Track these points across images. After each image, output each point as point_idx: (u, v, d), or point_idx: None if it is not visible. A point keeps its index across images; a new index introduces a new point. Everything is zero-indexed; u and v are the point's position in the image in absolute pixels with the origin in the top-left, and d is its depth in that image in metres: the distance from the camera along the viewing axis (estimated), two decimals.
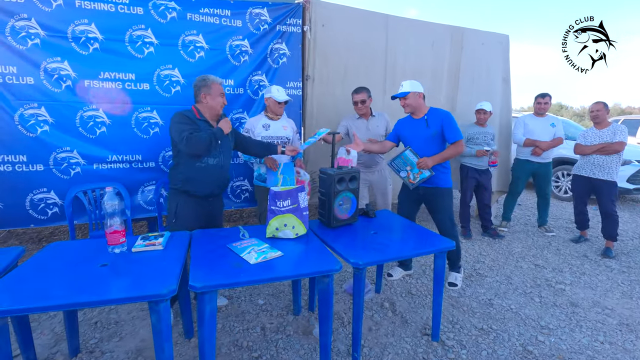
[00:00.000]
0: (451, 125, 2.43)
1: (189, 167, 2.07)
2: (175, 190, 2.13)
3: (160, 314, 1.32)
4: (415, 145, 2.51)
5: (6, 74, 2.29)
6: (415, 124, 2.55)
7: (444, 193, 2.52)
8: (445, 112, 2.50)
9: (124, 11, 2.47)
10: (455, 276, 2.68)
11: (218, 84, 2.11)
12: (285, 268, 1.56)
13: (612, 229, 3.32)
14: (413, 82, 2.51)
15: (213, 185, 2.16)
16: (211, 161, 2.10)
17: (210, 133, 2.01)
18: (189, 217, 2.11)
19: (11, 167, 2.38)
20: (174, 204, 2.13)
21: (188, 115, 2.05)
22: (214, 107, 2.11)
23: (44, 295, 1.24)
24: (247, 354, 1.89)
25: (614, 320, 2.29)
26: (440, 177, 2.49)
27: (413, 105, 2.51)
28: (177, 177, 2.11)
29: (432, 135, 2.46)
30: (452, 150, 2.45)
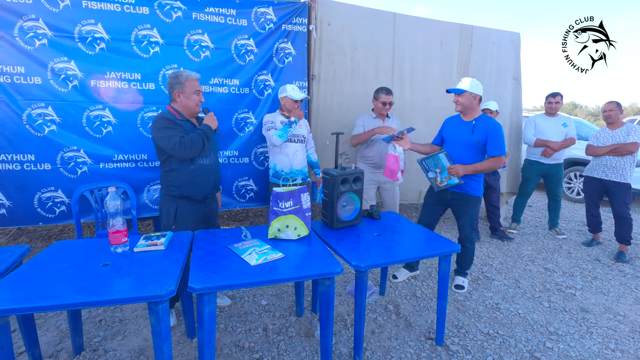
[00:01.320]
0: (497, 138, 2.33)
1: (184, 171, 1.99)
2: (170, 196, 2.03)
3: (159, 315, 1.31)
4: (455, 147, 2.46)
5: (14, 74, 2.33)
6: (461, 126, 2.47)
7: (471, 201, 2.47)
8: (496, 123, 2.38)
9: (129, 11, 2.48)
10: (462, 279, 2.63)
11: (193, 80, 1.98)
12: (286, 270, 1.54)
13: (625, 232, 3.22)
14: (473, 81, 2.40)
15: (210, 186, 2.12)
16: (204, 161, 2.05)
17: (201, 133, 1.95)
18: (189, 222, 2.04)
19: (20, 166, 2.42)
20: (172, 210, 2.03)
21: (169, 118, 1.93)
22: (189, 106, 1.99)
23: (45, 295, 1.24)
24: (249, 354, 1.88)
25: (626, 327, 2.21)
26: (471, 184, 2.43)
27: (465, 105, 2.42)
28: (172, 183, 2.01)
29: (475, 142, 2.38)
30: (489, 164, 2.37)
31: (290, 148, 2.65)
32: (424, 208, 2.67)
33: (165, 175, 2.04)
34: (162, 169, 2.04)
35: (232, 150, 2.96)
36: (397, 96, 3.47)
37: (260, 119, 2.98)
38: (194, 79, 2.00)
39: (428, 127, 3.51)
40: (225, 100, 2.83)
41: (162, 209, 2.08)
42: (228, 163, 2.96)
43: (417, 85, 3.53)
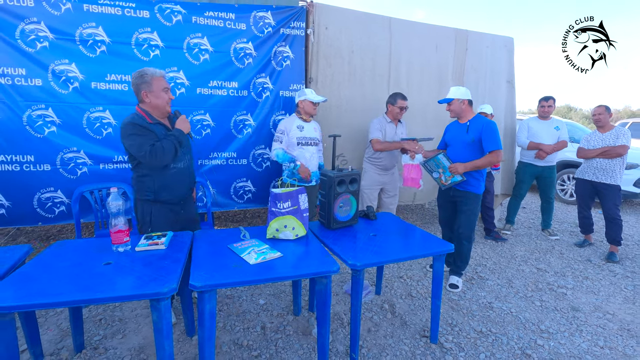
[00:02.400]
0: (490, 134, 2.45)
1: (160, 176, 1.93)
2: (144, 200, 1.97)
3: (161, 312, 1.35)
4: (455, 149, 2.62)
5: (15, 75, 2.35)
6: (458, 129, 2.65)
7: (472, 198, 2.58)
8: (488, 121, 2.51)
9: (130, 14, 2.52)
10: (456, 279, 2.68)
11: (159, 78, 1.87)
12: (284, 269, 1.58)
13: (615, 233, 3.29)
14: (459, 89, 2.58)
15: (185, 189, 2.07)
16: (180, 165, 2.00)
17: (173, 139, 1.88)
18: (165, 225, 1.98)
19: (19, 167, 2.44)
20: (147, 214, 1.98)
21: (139, 123, 1.83)
22: (159, 105, 1.89)
23: (50, 292, 1.28)
24: (247, 352, 1.91)
25: (615, 325, 2.27)
26: (471, 182, 2.56)
27: (457, 112, 2.61)
28: (146, 187, 1.94)
29: (471, 141, 2.52)
30: (486, 160, 2.48)
31: (308, 151, 2.72)
32: (439, 209, 2.88)
33: (138, 180, 1.96)
34: (135, 173, 1.96)
35: (231, 151, 3.00)
36: None
37: (258, 122, 3.03)
38: (160, 77, 1.89)
39: (425, 128, 3.58)
40: (224, 103, 2.88)
41: (137, 213, 2.02)
42: (226, 164, 2.99)
43: (413, 89, 3.59)
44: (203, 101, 2.77)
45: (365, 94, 3.41)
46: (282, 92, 3.08)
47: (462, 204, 2.61)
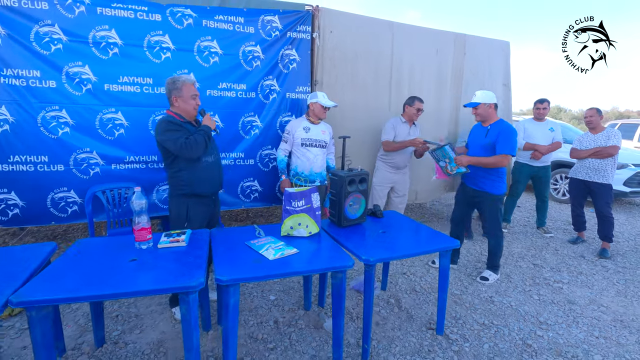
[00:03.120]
0: (506, 138, 2.56)
1: (193, 170, 2.07)
2: (181, 195, 2.10)
3: (189, 305, 1.43)
4: (472, 149, 2.80)
5: (30, 77, 2.40)
6: (479, 131, 2.78)
7: (490, 198, 2.71)
8: (508, 126, 2.63)
9: (142, 18, 2.57)
10: (488, 272, 2.85)
11: (189, 85, 2.04)
12: (302, 264, 1.66)
13: (607, 230, 3.44)
14: (485, 93, 2.67)
15: (216, 182, 2.21)
16: (210, 159, 2.14)
17: (202, 133, 2.02)
18: (200, 218, 2.13)
19: (33, 167, 2.48)
20: (184, 208, 2.10)
21: (172, 121, 2.00)
22: (187, 110, 2.06)
23: (85, 287, 1.34)
24: (263, 345, 1.99)
25: (609, 316, 2.40)
26: (487, 183, 2.69)
27: (483, 115, 2.70)
28: (181, 182, 2.07)
29: (487, 144, 2.64)
30: (493, 160, 2.59)
31: (312, 152, 2.80)
32: (455, 206, 3.00)
33: (174, 176, 2.09)
34: (170, 170, 2.09)
35: (238, 152, 3.07)
36: (394, 101, 3.64)
37: (265, 123, 3.11)
38: (190, 84, 2.05)
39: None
40: (232, 104, 2.95)
41: (172, 209, 2.14)
42: (234, 165, 3.06)
43: (414, 91, 3.68)
44: (212, 103, 2.83)
45: (368, 96, 3.51)
46: (289, 94, 3.16)
47: (482, 205, 2.78)
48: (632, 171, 5.17)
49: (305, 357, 1.92)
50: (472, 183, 2.79)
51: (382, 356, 1.94)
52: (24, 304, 1.24)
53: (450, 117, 4.01)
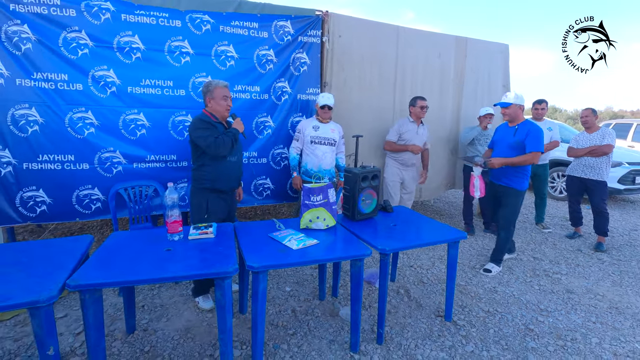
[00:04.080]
0: (534, 136, 2.72)
1: (216, 166, 2.23)
2: (203, 189, 2.26)
3: (224, 290, 1.56)
4: (499, 149, 2.94)
5: (58, 80, 2.52)
6: (506, 131, 2.93)
7: (513, 193, 2.87)
8: (536, 125, 2.79)
9: (164, 24, 2.71)
10: (491, 265, 3.00)
11: (221, 88, 2.22)
12: (323, 252, 1.81)
13: (603, 225, 3.61)
14: (517, 95, 2.83)
15: (235, 180, 2.38)
16: (232, 159, 2.30)
17: (231, 135, 2.20)
18: (219, 212, 2.30)
19: (60, 166, 2.61)
20: (204, 201, 2.26)
21: (206, 120, 2.19)
22: (219, 110, 2.24)
23: (130, 272, 1.48)
24: (284, 331, 2.13)
25: (605, 304, 2.56)
26: (514, 179, 2.85)
27: (512, 116, 2.86)
28: (204, 177, 2.24)
29: (516, 143, 2.80)
30: (523, 158, 2.75)
31: (320, 150, 2.94)
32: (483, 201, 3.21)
33: (197, 170, 2.26)
34: (195, 165, 2.27)
35: (252, 151, 3.20)
36: (398, 102, 3.80)
37: (277, 123, 3.25)
38: (221, 87, 2.24)
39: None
40: (247, 106, 3.09)
41: (193, 201, 2.31)
42: (248, 163, 3.20)
43: (417, 92, 3.83)
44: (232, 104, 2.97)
45: (374, 97, 3.66)
46: (300, 95, 3.30)
47: (504, 198, 2.92)
48: (626, 169, 5.36)
49: (324, 341, 2.05)
50: (498, 179, 2.96)
51: (395, 340, 2.08)
52: (79, 287, 1.37)
53: (452, 117, 4.16)
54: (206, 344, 1.99)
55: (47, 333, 1.30)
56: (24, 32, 2.42)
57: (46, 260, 1.57)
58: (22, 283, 1.35)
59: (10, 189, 2.54)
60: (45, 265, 1.52)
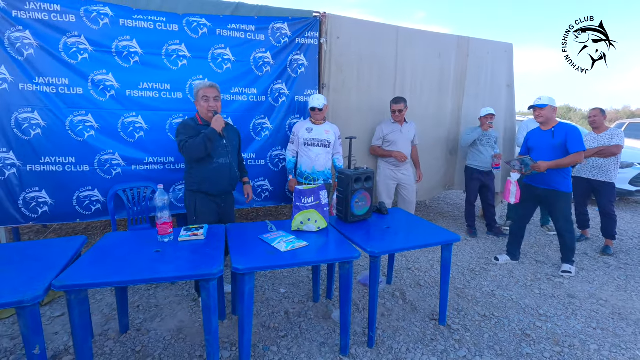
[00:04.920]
0: (575, 137, 2.75)
1: (203, 169, 2.25)
2: (191, 191, 2.30)
3: (209, 291, 1.57)
4: (539, 153, 2.92)
5: (59, 85, 2.59)
6: (543, 135, 2.94)
7: (560, 196, 2.87)
8: (573, 126, 2.82)
9: (161, 28, 2.75)
10: (568, 266, 3.01)
11: (202, 88, 2.23)
12: (311, 255, 1.80)
13: (610, 228, 3.50)
14: (551, 98, 2.86)
15: (225, 183, 2.34)
16: (221, 161, 2.28)
17: (203, 136, 2.14)
18: (207, 214, 2.30)
19: (62, 168, 2.67)
20: (192, 203, 2.31)
21: (189, 123, 2.23)
22: (201, 111, 2.26)
23: (116, 273, 1.50)
24: (275, 333, 2.13)
25: (608, 310, 2.49)
26: (558, 180, 2.86)
27: (547, 117, 2.87)
28: (192, 179, 2.28)
29: (556, 145, 2.81)
30: (570, 159, 2.76)
31: (313, 151, 2.94)
32: (521, 204, 3.12)
33: (187, 173, 2.32)
34: (186, 167, 2.33)
35: (250, 153, 3.22)
36: None
37: (275, 125, 3.26)
38: (202, 87, 2.24)
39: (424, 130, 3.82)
40: (244, 108, 3.11)
41: (185, 203, 2.37)
42: (246, 165, 3.21)
43: (416, 93, 3.82)
44: (226, 106, 2.99)
45: (372, 99, 3.64)
46: (297, 97, 3.31)
47: (551, 203, 2.93)
48: (637, 170, 5.19)
49: (314, 344, 2.05)
50: (541, 183, 2.94)
51: (387, 344, 2.06)
52: (64, 288, 1.40)
53: (452, 118, 4.11)
54: (197, 345, 2.00)
55: (32, 332, 1.33)
56: (26, 38, 2.49)
57: (37, 260, 1.61)
58: (10, 283, 1.39)
59: (14, 190, 2.62)
60: (36, 265, 1.56)
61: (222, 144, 2.26)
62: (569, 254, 3.03)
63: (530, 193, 3.04)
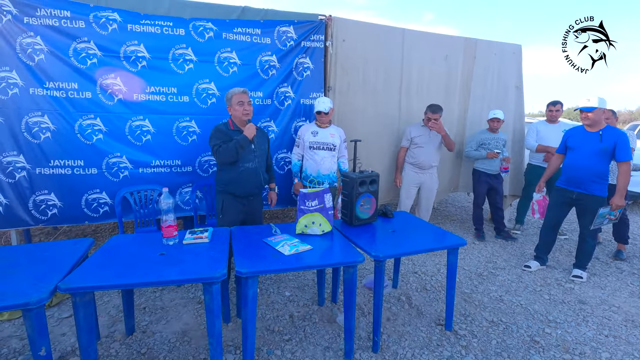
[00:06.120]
0: (625, 144, 2.66)
1: (230, 172, 2.40)
2: (220, 191, 2.47)
3: (212, 295, 1.57)
4: (581, 155, 2.81)
5: (69, 89, 2.63)
6: (588, 136, 2.80)
7: (596, 200, 2.78)
8: (622, 131, 2.73)
9: (168, 32, 2.78)
10: (580, 272, 2.95)
11: (237, 94, 2.37)
12: (315, 259, 1.80)
13: (623, 232, 3.42)
14: (601, 99, 2.74)
15: (251, 186, 2.46)
16: (248, 165, 2.42)
17: (235, 142, 2.30)
18: (233, 213, 2.45)
19: (70, 171, 2.71)
20: (220, 202, 2.46)
21: (221, 129, 2.38)
22: (236, 116, 2.40)
23: (121, 276, 1.51)
24: (279, 337, 2.12)
25: (620, 316, 2.42)
26: (598, 187, 2.78)
27: (596, 120, 2.75)
28: (221, 180, 2.44)
29: (603, 149, 2.71)
30: (625, 176, 2.67)
31: (319, 155, 2.94)
32: (551, 209, 3.07)
33: (217, 174, 2.49)
34: (216, 168, 2.52)
35: None
36: (403, 106, 3.75)
37: (280, 128, 3.27)
38: (237, 93, 2.38)
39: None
40: None
41: (215, 200, 2.56)
42: None
43: (422, 95, 3.79)
44: None
45: (378, 102, 3.62)
46: (303, 100, 3.31)
47: (584, 207, 2.83)
48: None
49: (318, 348, 2.03)
50: (577, 187, 2.84)
51: (392, 349, 2.04)
52: (70, 290, 1.42)
53: (459, 120, 4.07)
54: (201, 348, 2.00)
55: (38, 334, 1.35)
56: (37, 43, 2.54)
57: (44, 262, 1.63)
58: (17, 285, 1.41)
59: (24, 193, 2.66)
60: (43, 267, 1.58)
61: (250, 149, 2.40)
62: (585, 260, 2.97)
63: (565, 197, 2.93)
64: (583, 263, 2.98)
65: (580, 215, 2.92)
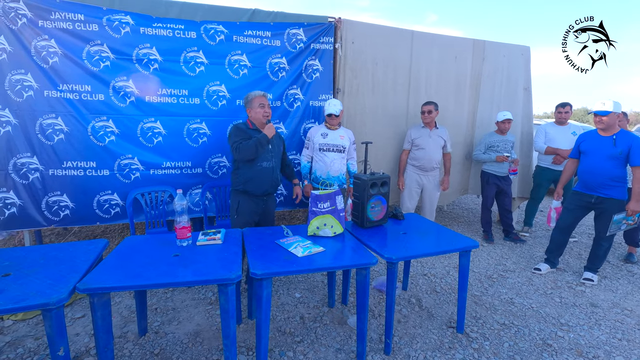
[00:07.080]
0: (639, 149, 2.62)
1: (247, 170, 2.42)
2: (236, 190, 2.49)
3: (227, 296, 1.58)
4: (595, 159, 2.79)
5: (82, 91, 2.66)
6: (602, 141, 2.78)
7: (615, 203, 2.75)
8: (636, 136, 2.71)
9: (179, 36, 2.81)
10: (591, 274, 2.94)
11: (258, 97, 2.43)
12: (328, 261, 1.80)
13: (634, 234, 3.39)
14: (616, 103, 2.72)
15: (267, 185, 2.49)
16: (265, 164, 2.45)
17: (255, 140, 2.33)
18: (248, 213, 2.48)
19: (83, 172, 2.74)
20: (236, 202, 2.49)
21: (241, 127, 2.43)
22: (257, 118, 2.45)
23: (137, 277, 1.53)
24: (290, 338, 2.13)
25: (633, 320, 2.40)
26: (617, 191, 2.74)
27: (610, 124, 2.73)
28: (237, 179, 2.46)
29: (617, 154, 2.69)
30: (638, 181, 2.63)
31: (329, 157, 2.95)
32: (566, 212, 3.04)
33: (234, 173, 2.50)
34: (233, 167, 2.52)
35: None
36: (412, 107, 3.75)
37: (290, 129, 3.28)
38: (258, 96, 2.44)
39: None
40: None
41: (230, 202, 2.58)
42: None
43: (431, 97, 3.76)
44: (241, 111, 3.02)
45: (387, 103, 3.63)
46: (312, 102, 3.32)
47: (603, 210, 2.80)
48: None
49: (330, 350, 2.04)
50: (595, 191, 2.81)
51: (404, 351, 2.03)
52: (88, 291, 1.43)
53: (468, 122, 4.06)
54: (214, 349, 2.01)
55: (57, 334, 1.37)
56: (52, 46, 2.57)
57: (61, 263, 1.65)
58: (36, 285, 1.42)
59: (37, 194, 2.69)
60: (60, 268, 1.60)
61: (267, 149, 2.45)
62: (598, 263, 2.94)
63: (582, 201, 2.90)
64: (595, 266, 2.96)
65: (598, 218, 2.89)
